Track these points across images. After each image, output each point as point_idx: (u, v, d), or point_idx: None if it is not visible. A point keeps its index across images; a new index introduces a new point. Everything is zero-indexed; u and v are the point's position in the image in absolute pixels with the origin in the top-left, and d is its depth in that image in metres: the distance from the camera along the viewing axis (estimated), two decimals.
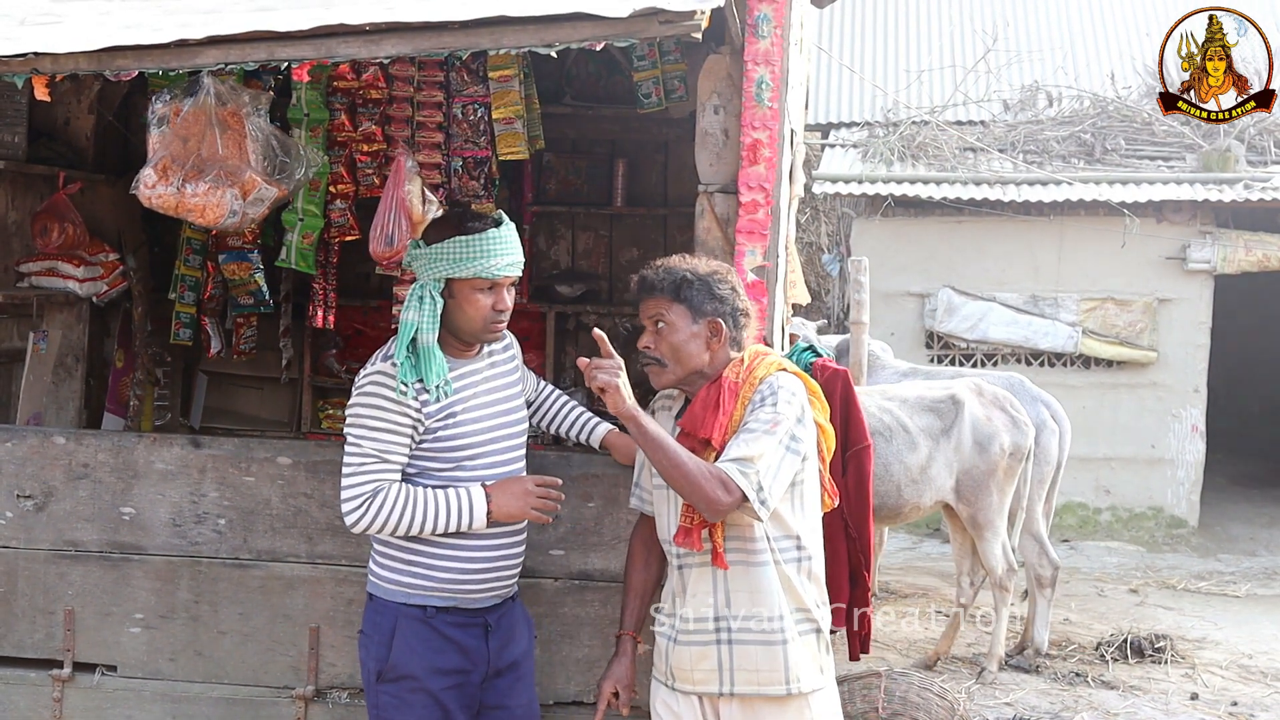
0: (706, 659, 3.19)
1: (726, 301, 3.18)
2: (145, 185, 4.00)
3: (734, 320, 3.20)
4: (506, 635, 3.45)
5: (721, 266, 3.25)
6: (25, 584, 4.00)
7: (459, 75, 5.21)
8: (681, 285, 3.18)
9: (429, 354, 3.26)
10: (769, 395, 3.12)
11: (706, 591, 3.20)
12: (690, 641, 3.21)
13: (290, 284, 6.41)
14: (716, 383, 3.17)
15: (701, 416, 3.14)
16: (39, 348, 5.44)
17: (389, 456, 3.26)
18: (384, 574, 3.37)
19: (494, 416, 3.41)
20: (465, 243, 3.26)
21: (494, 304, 3.34)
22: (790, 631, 3.16)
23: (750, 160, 3.74)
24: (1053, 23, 13.59)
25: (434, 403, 3.28)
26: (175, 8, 3.66)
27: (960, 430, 6.34)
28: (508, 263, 3.32)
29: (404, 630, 3.32)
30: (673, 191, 6.88)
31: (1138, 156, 10.96)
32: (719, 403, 3.12)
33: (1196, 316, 10.39)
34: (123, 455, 3.97)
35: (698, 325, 3.18)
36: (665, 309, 3.19)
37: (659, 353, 3.22)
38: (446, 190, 5.26)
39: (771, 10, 3.71)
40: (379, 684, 3.35)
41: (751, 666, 3.17)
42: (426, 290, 3.28)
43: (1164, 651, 7.04)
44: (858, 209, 11.25)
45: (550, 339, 6.98)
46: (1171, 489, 10.56)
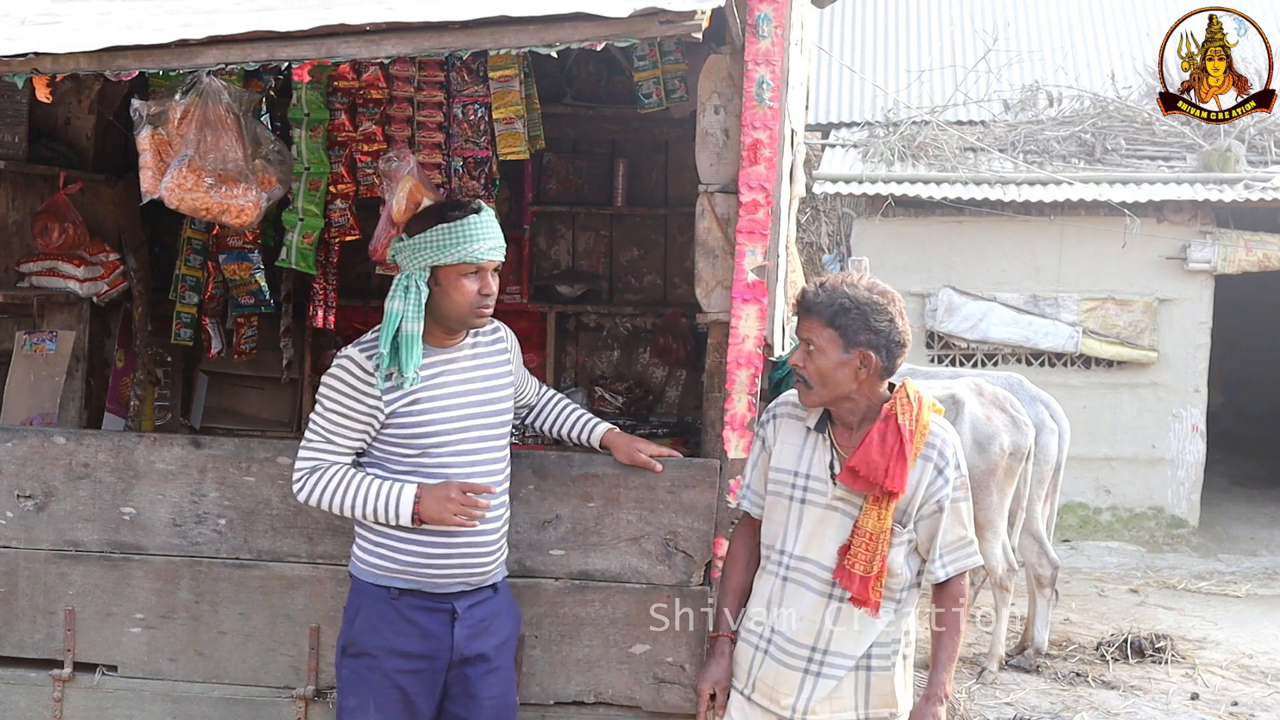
0: (790, 682, 3.23)
1: (882, 334, 3.13)
2: (177, 186, 3.99)
3: (888, 353, 3.15)
4: (478, 625, 3.47)
5: (885, 295, 3.17)
6: (26, 584, 4.00)
7: (459, 75, 5.20)
8: (838, 313, 3.13)
9: (410, 342, 3.33)
10: (951, 458, 3.20)
11: (814, 620, 3.22)
12: (782, 660, 3.25)
13: (291, 284, 6.42)
14: (891, 425, 3.14)
15: (883, 465, 3.11)
16: (43, 348, 5.43)
17: (334, 438, 3.40)
18: (358, 553, 3.48)
19: (468, 406, 3.44)
20: (448, 230, 3.34)
21: (480, 289, 3.40)
22: (862, 663, 3.22)
23: (751, 160, 3.74)
24: (1053, 23, 13.59)
25: (396, 389, 3.35)
26: (176, 8, 3.66)
27: (960, 429, 6.34)
28: (490, 246, 3.39)
29: (368, 608, 3.43)
30: (673, 191, 6.88)
31: (1138, 156, 10.96)
32: (902, 452, 3.12)
33: (1197, 316, 10.39)
34: (123, 455, 3.97)
35: (849, 354, 3.14)
36: (818, 333, 3.16)
37: (807, 373, 3.19)
38: (447, 190, 5.25)
39: (772, 10, 3.70)
40: (342, 658, 3.48)
41: (827, 696, 3.21)
42: (412, 280, 3.36)
43: (1164, 651, 7.05)
44: (858, 209, 11.25)
45: (551, 339, 6.99)
46: (1172, 489, 10.56)
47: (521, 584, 3.85)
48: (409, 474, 3.38)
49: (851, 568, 3.14)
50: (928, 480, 3.16)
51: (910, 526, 3.18)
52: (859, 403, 3.20)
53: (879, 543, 3.12)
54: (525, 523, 3.85)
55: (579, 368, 7.15)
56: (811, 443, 3.27)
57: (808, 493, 3.24)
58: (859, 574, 3.13)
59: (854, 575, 3.14)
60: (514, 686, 3.64)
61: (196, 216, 4.21)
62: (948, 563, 3.21)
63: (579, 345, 7.15)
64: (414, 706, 3.43)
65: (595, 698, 3.88)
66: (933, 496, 3.17)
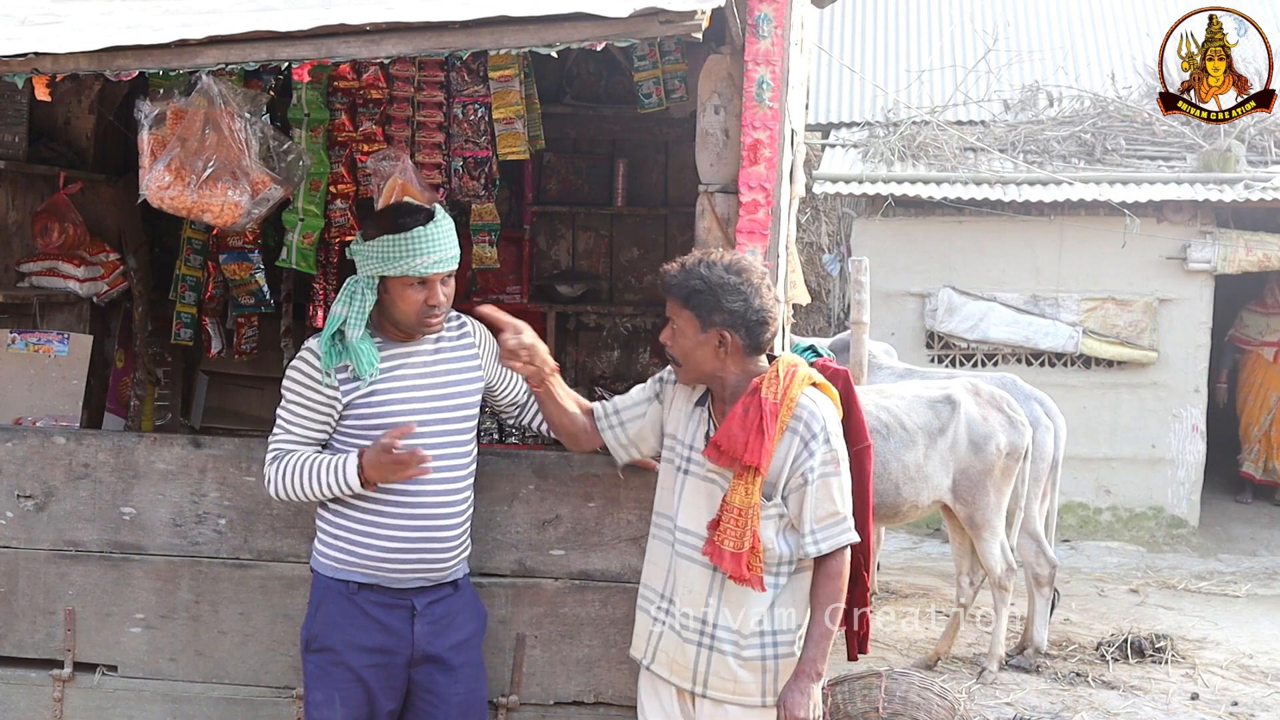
0: (687, 654, 3.24)
1: (737, 314, 3.14)
2: (157, 186, 3.99)
3: (747, 330, 3.16)
4: (439, 622, 3.49)
5: (741, 274, 3.17)
6: (26, 584, 4.00)
7: (460, 75, 5.21)
8: (691, 294, 3.16)
9: (355, 348, 3.37)
10: (819, 432, 3.16)
11: (701, 592, 3.23)
12: (680, 632, 3.27)
13: (291, 284, 6.42)
14: (755, 400, 3.15)
15: (743, 439, 3.13)
16: (50, 349, 5.42)
17: (294, 429, 3.44)
18: (318, 547, 3.51)
19: (427, 400, 3.45)
20: (392, 242, 3.35)
21: (426, 299, 3.40)
22: (768, 650, 3.22)
23: (751, 160, 3.74)
24: (1053, 23, 13.58)
25: (353, 381, 3.38)
26: (176, 8, 3.67)
27: (956, 430, 6.34)
28: (435, 260, 3.37)
29: (328, 604, 3.46)
30: (673, 191, 6.89)
31: (1138, 156, 10.95)
32: (761, 427, 3.11)
33: (1197, 316, 10.39)
34: (123, 455, 3.97)
35: (706, 334, 3.17)
36: (677, 314, 3.21)
37: (674, 352, 3.25)
38: (447, 190, 5.26)
39: (772, 10, 3.70)
40: (306, 652, 3.50)
41: (729, 676, 3.20)
42: (360, 286, 3.41)
43: (1164, 651, 7.04)
44: (858, 209, 11.25)
45: (551, 339, 6.99)
46: (1172, 489, 10.55)
47: (521, 584, 3.86)
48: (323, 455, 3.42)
49: (721, 544, 3.15)
50: (794, 453, 3.16)
51: (778, 500, 3.17)
52: (729, 379, 3.23)
53: (748, 518, 3.12)
54: (525, 522, 3.85)
55: (579, 368, 7.15)
56: (696, 416, 3.30)
57: (690, 463, 3.29)
58: (729, 550, 3.13)
59: (724, 551, 3.14)
60: (483, 683, 3.64)
61: (179, 215, 4.19)
62: (819, 539, 3.18)
63: (579, 345, 7.16)
64: (376, 702, 3.45)
65: (595, 698, 3.88)
66: (798, 470, 3.16)
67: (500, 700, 3.86)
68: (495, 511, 3.85)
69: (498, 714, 3.87)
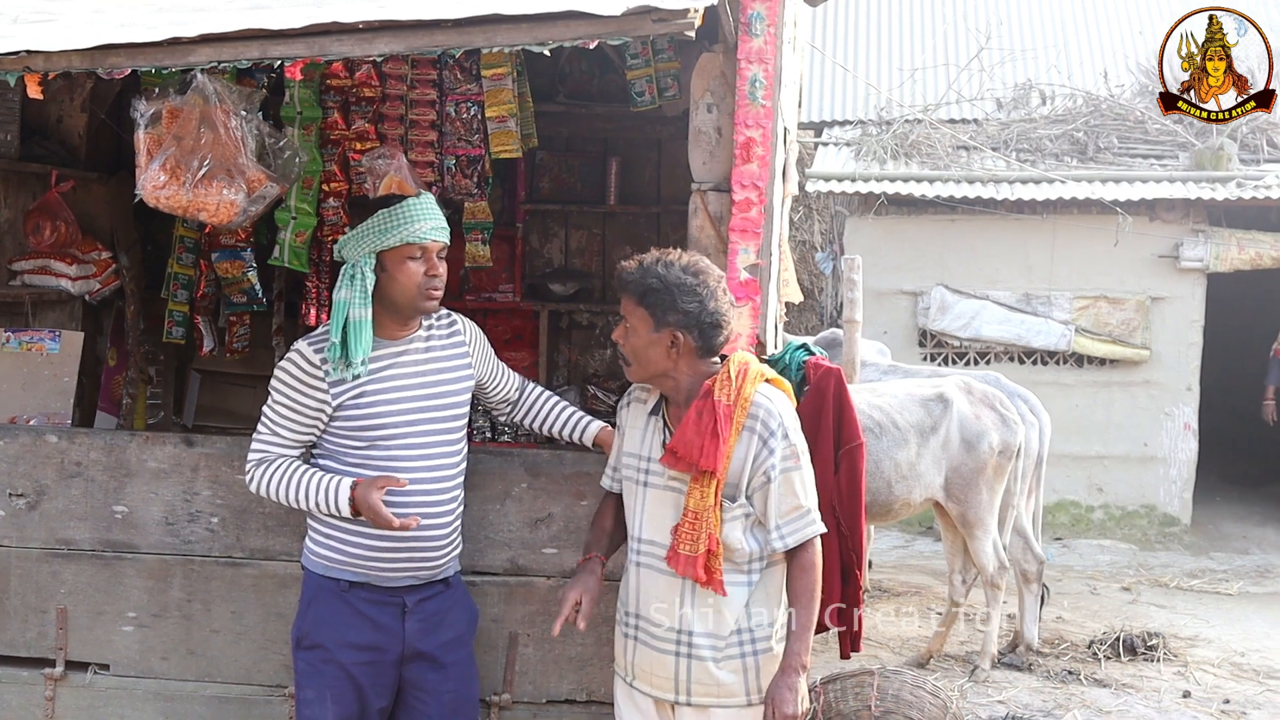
0: (664, 666, 3.23)
1: (691, 315, 3.12)
2: (153, 185, 3.98)
3: (700, 332, 3.14)
4: (431, 621, 3.49)
5: (698, 275, 3.15)
6: (18, 582, 3.99)
7: (452, 73, 5.20)
8: (647, 292, 3.15)
9: (359, 328, 3.34)
10: (776, 429, 3.14)
11: (672, 601, 3.23)
12: (651, 645, 3.25)
13: (283, 282, 6.39)
14: (708, 403, 3.13)
15: (698, 444, 3.11)
16: (42, 346, 5.41)
17: (281, 430, 3.42)
18: (309, 544, 3.51)
19: (418, 400, 3.44)
20: (388, 214, 3.37)
21: (426, 270, 3.40)
22: (746, 648, 3.21)
23: (743, 158, 3.74)
24: (1046, 21, 13.60)
25: (342, 382, 3.36)
26: (168, 5, 3.66)
27: (948, 428, 6.35)
28: (432, 226, 3.39)
29: (319, 601, 3.46)
30: (666, 190, 6.88)
31: (1131, 155, 10.98)
32: (715, 430, 3.10)
33: (1189, 315, 10.42)
34: (115, 453, 3.97)
35: (659, 334, 3.15)
36: (630, 311, 3.19)
37: (625, 350, 3.24)
38: (440, 188, 5.25)
39: (765, 8, 3.71)
40: (297, 650, 3.50)
41: (710, 681, 3.19)
42: (358, 268, 3.37)
43: (1156, 649, 7.07)
44: (851, 207, 11.26)
45: (544, 337, 6.99)
46: (1164, 487, 10.58)
47: (514, 582, 3.86)
48: (359, 467, 3.39)
49: (679, 549, 3.15)
50: (754, 452, 3.15)
51: (742, 500, 3.17)
52: (681, 381, 3.21)
53: (703, 521, 3.12)
54: (518, 521, 3.85)
55: (571, 366, 7.15)
56: (652, 426, 3.29)
57: (649, 475, 3.27)
58: (685, 554, 3.13)
59: (680, 555, 3.14)
60: (474, 681, 3.64)
61: (174, 214, 4.19)
62: (786, 533, 3.18)
63: (571, 344, 7.15)
64: (367, 699, 3.44)
65: (587, 696, 3.89)
66: (760, 468, 3.15)
67: (493, 699, 3.87)
68: (488, 510, 3.85)
69: (490, 712, 3.87)
